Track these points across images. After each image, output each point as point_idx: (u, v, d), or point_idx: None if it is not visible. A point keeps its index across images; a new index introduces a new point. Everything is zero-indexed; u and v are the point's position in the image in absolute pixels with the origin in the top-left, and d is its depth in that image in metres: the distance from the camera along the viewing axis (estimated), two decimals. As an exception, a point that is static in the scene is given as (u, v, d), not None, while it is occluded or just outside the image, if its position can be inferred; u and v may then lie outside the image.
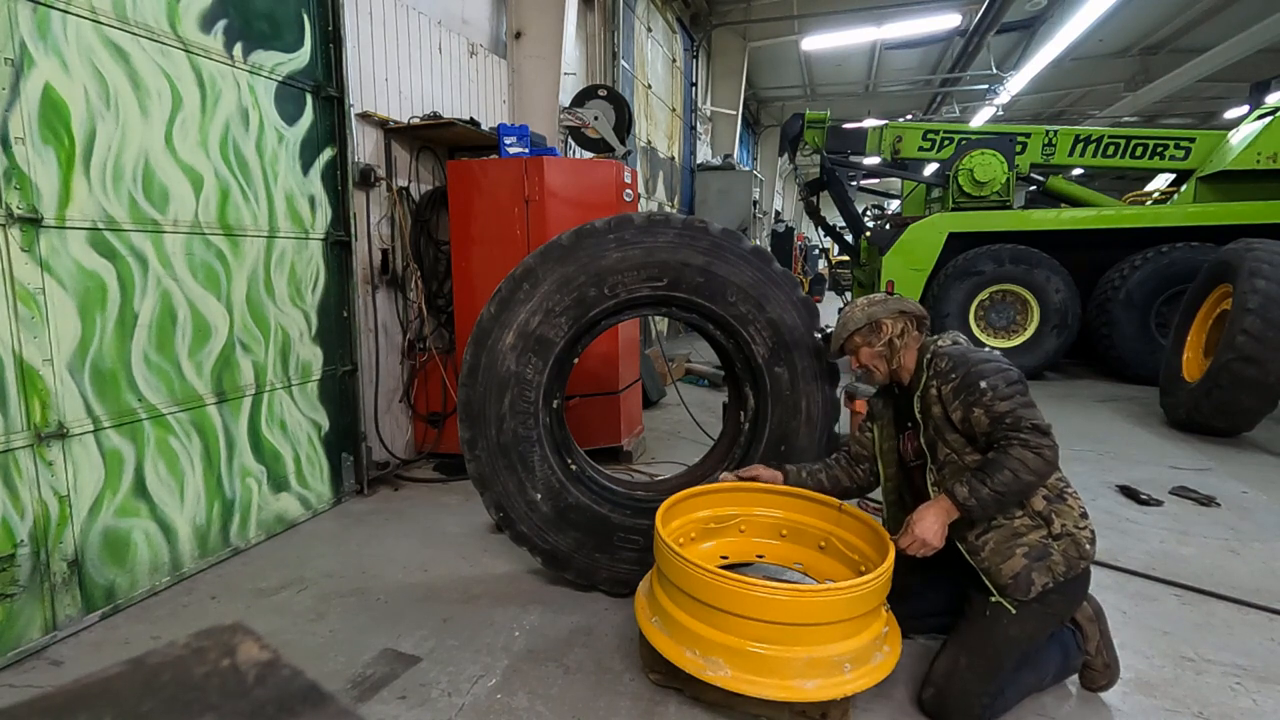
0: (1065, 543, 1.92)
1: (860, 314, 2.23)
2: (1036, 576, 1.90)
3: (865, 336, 2.23)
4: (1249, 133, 6.65)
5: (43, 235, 2.29)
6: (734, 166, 11.57)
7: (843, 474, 2.45)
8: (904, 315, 2.20)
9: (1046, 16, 10.76)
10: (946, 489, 1.98)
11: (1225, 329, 4.61)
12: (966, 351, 2.03)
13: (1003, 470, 1.85)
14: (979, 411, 1.92)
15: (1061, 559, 1.91)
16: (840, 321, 2.29)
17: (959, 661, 1.96)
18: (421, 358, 4.39)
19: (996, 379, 1.92)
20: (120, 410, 2.56)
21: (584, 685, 2.14)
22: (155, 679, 0.43)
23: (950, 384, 1.99)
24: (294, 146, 3.31)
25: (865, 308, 2.24)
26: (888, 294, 2.28)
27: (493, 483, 2.61)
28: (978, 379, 1.93)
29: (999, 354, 2.03)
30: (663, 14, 9.70)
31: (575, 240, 2.58)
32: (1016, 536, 1.94)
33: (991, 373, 1.93)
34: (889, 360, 2.22)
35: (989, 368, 1.95)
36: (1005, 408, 1.89)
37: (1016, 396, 1.89)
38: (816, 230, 9.54)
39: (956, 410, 1.98)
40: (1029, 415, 1.87)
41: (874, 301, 2.24)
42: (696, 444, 4.72)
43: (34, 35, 2.24)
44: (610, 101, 5.17)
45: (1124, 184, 12.69)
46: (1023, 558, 1.92)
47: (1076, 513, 1.98)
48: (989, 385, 1.91)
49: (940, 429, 2.05)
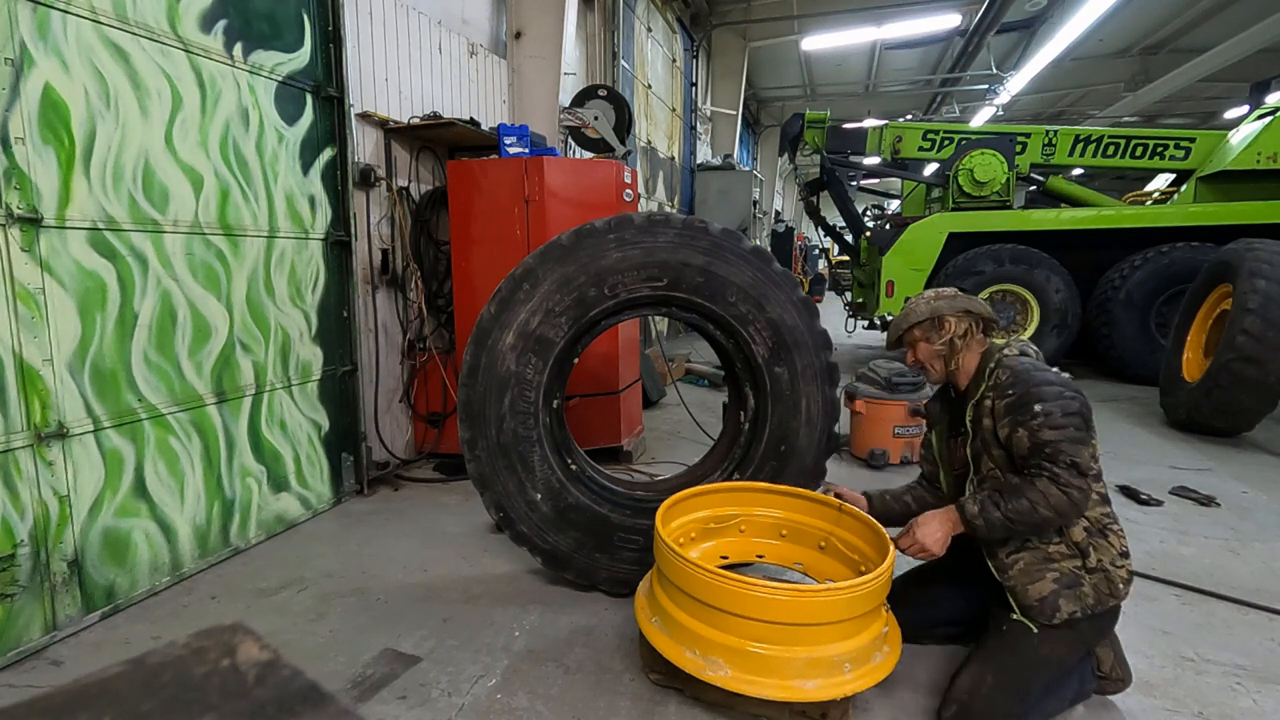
0: (1098, 578, 1.87)
1: (924, 307, 2.11)
2: (1064, 604, 1.85)
3: (926, 331, 2.11)
4: (1249, 133, 6.65)
5: (43, 235, 2.29)
6: (734, 166, 11.57)
7: (928, 493, 2.35)
8: (970, 315, 2.08)
9: (1046, 16, 10.76)
10: (959, 502, 1.95)
11: (1225, 329, 4.61)
12: (1032, 368, 1.92)
13: (1021, 499, 1.80)
14: (1023, 433, 1.84)
15: (1092, 592, 1.86)
16: (903, 311, 2.17)
17: (985, 679, 1.90)
18: (421, 358, 4.39)
19: (1054, 405, 1.82)
20: (120, 410, 2.56)
21: (584, 685, 2.14)
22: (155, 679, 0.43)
23: (1006, 399, 1.90)
24: (294, 146, 3.31)
25: (931, 301, 2.11)
26: (958, 290, 2.15)
27: (493, 483, 2.61)
28: (1034, 401, 1.84)
29: (1067, 377, 1.92)
30: (663, 14, 9.70)
31: (575, 240, 2.58)
32: (1049, 561, 1.90)
33: (1051, 397, 1.83)
34: (947, 360, 2.10)
35: (1049, 391, 1.85)
36: (1051, 436, 1.80)
37: (1069, 429, 1.80)
38: (816, 230, 9.54)
39: (1004, 427, 1.90)
40: (1072, 451, 1.79)
41: (940, 295, 2.12)
42: (696, 444, 4.72)
43: (34, 35, 2.24)
44: (610, 101, 5.17)
45: (1124, 184, 12.69)
46: (1052, 583, 1.87)
47: (1116, 550, 1.91)
48: (1044, 410, 1.82)
49: (987, 442, 1.97)
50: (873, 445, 4.35)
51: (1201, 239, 6.52)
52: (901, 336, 2.18)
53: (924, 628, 2.25)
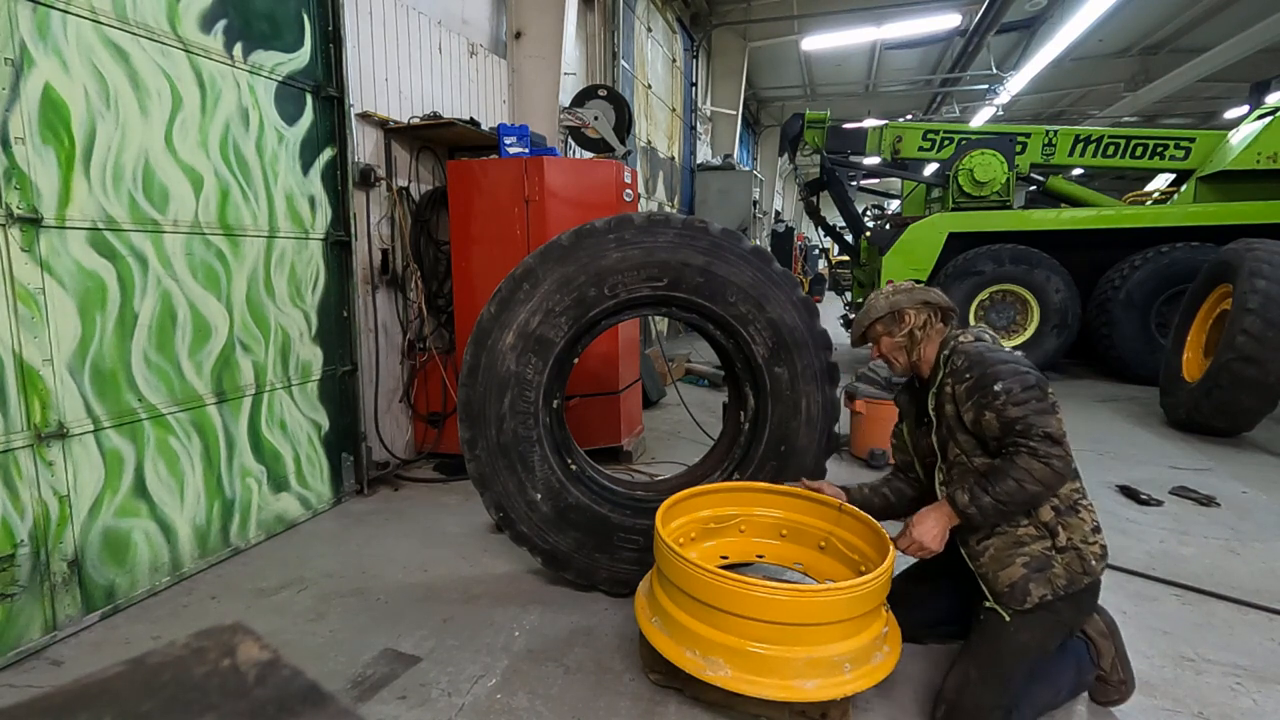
0: (1069, 556, 1.87)
1: (884, 302, 2.15)
2: (1034, 588, 1.85)
3: (887, 325, 2.15)
4: (1249, 133, 6.65)
5: (43, 235, 2.29)
6: (734, 166, 11.57)
7: (906, 484, 2.36)
8: (928, 306, 2.12)
9: (1046, 16, 10.75)
10: (949, 494, 1.95)
11: (1225, 329, 4.62)
12: (985, 350, 1.94)
13: (1007, 479, 1.80)
14: (990, 415, 1.85)
15: (1064, 572, 1.86)
16: (864, 308, 2.22)
17: (969, 675, 1.89)
18: (421, 358, 4.39)
19: (1012, 382, 1.83)
20: (120, 410, 2.56)
21: (584, 685, 2.14)
22: (155, 679, 0.43)
23: (965, 384, 1.92)
24: (294, 146, 3.31)
25: (890, 295, 2.15)
26: (915, 283, 2.20)
27: (493, 483, 2.61)
28: (992, 381, 1.85)
29: (1020, 355, 1.94)
30: (663, 14, 9.70)
31: (575, 240, 2.58)
32: (1018, 545, 1.90)
33: (1008, 375, 1.85)
34: (909, 352, 2.14)
35: (1005, 369, 1.86)
36: (1017, 413, 1.81)
37: (1031, 402, 1.81)
38: (816, 230, 9.54)
39: (969, 411, 1.91)
40: (1041, 423, 1.79)
41: (899, 290, 2.16)
42: (696, 444, 4.72)
43: (34, 35, 2.24)
44: (610, 101, 5.17)
45: (1124, 184, 12.69)
46: (1021, 567, 1.87)
47: (1088, 526, 1.91)
48: (1003, 388, 1.83)
49: (952, 429, 1.98)
50: (873, 445, 4.35)
51: (1201, 239, 6.52)
52: (865, 332, 2.22)
53: (924, 626, 2.25)
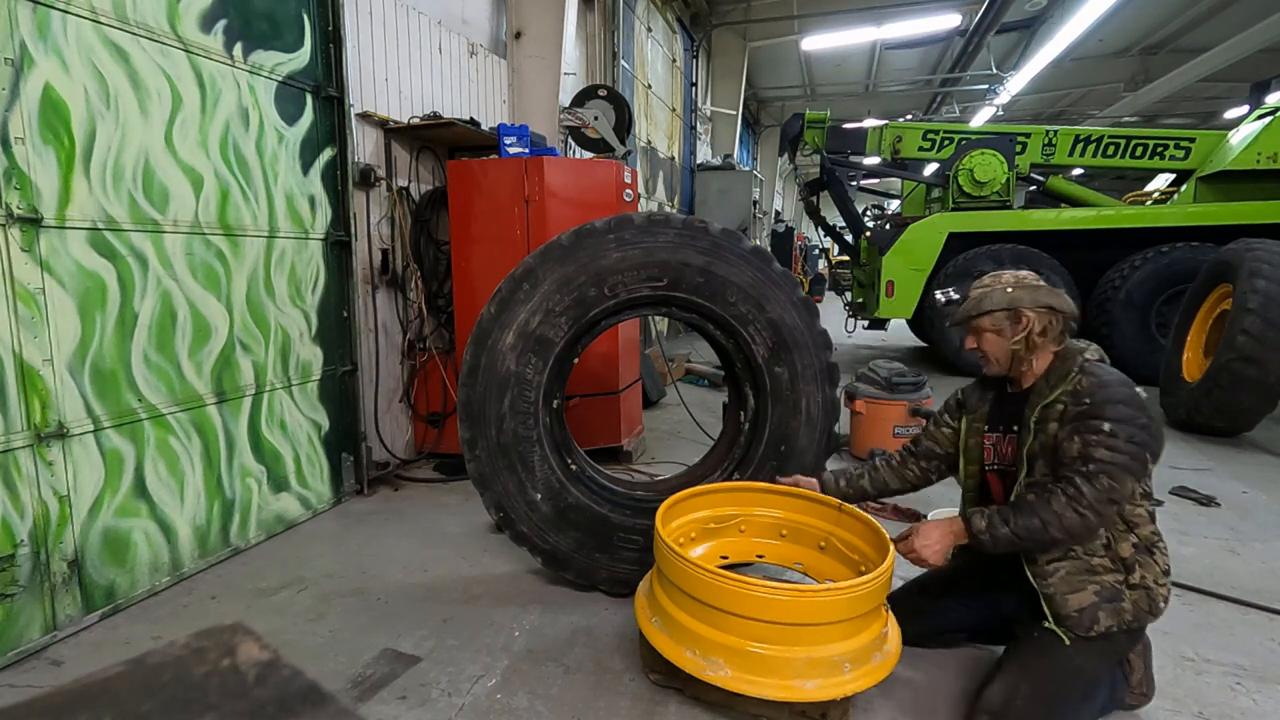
0: (1139, 594, 1.81)
1: (1003, 295, 1.93)
2: (1103, 616, 1.80)
3: (998, 322, 1.95)
4: (1249, 133, 6.65)
5: (43, 235, 2.29)
6: (734, 166, 11.57)
7: (892, 476, 2.32)
8: (1053, 313, 1.92)
9: (1046, 16, 10.75)
10: (965, 514, 1.90)
11: (1225, 329, 4.62)
12: (1118, 381, 1.79)
13: (1033, 517, 1.74)
14: (1077, 442, 1.74)
15: (1131, 608, 1.81)
16: (977, 294, 1.99)
17: (1019, 689, 1.82)
18: (421, 358, 4.39)
19: (1122, 428, 1.70)
20: (120, 410, 2.56)
21: (584, 685, 2.14)
22: (155, 679, 0.43)
23: (1080, 407, 1.78)
24: (294, 146, 3.31)
25: (1012, 288, 1.94)
26: (1039, 278, 1.98)
27: (493, 483, 2.61)
28: (1105, 418, 1.72)
29: (1143, 397, 1.79)
30: (663, 14, 9.70)
31: (575, 240, 2.58)
32: (1091, 573, 1.83)
33: (1124, 419, 1.71)
34: (1018, 357, 1.96)
35: (1124, 412, 1.72)
36: (1104, 456, 1.69)
37: (1125, 455, 1.69)
38: (816, 230, 9.54)
39: (1065, 432, 1.79)
40: (1115, 478, 1.68)
41: (1022, 284, 1.94)
42: (696, 444, 4.72)
43: (34, 35, 2.24)
44: (610, 101, 5.17)
45: (1124, 184, 12.69)
46: (1093, 594, 1.81)
47: (1160, 569, 1.85)
48: (1111, 430, 1.71)
49: (1047, 447, 1.86)
50: (873, 445, 4.35)
51: (1201, 239, 6.52)
52: (972, 320, 2.00)
53: (930, 635, 2.24)
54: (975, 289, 2.02)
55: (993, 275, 2.01)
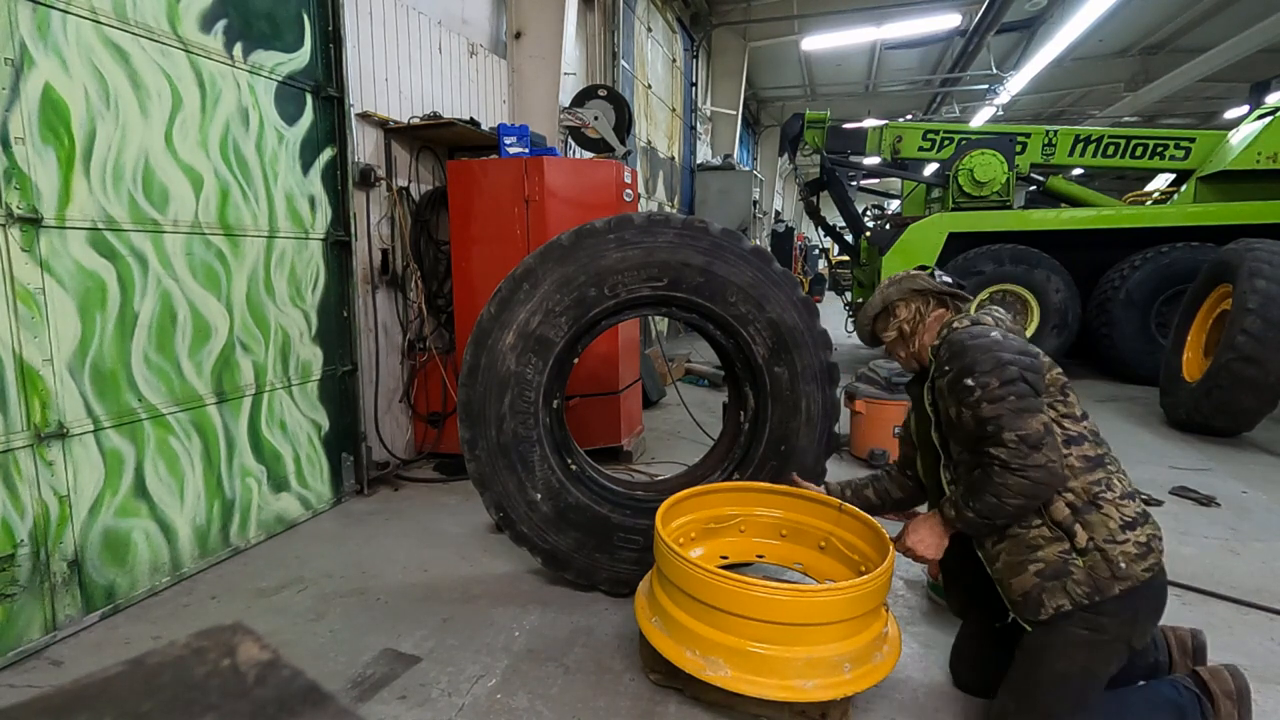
0: (1093, 558, 1.63)
1: (877, 298, 2.04)
2: (1048, 598, 1.65)
3: (883, 322, 2.04)
4: (1249, 133, 6.65)
5: (43, 235, 2.29)
6: (734, 166, 11.57)
7: (893, 485, 2.30)
8: (918, 295, 1.97)
9: (1046, 16, 10.75)
10: (939, 504, 1.88)
11: (1225, 329, 4.62)
12: (969, 339, 1.73)
13: (984, 495, 1.66)
14: (967, 413, 1.68)
15: (1086, 579, 1.62)
16: (864, 305, 2.09)
17: (1006, 707, 1.73)
18: (421, 358, 4.39)
19: (989, 377, 1.63)
20: (120, 410, 2.56)
21: (584, 685, 2.14)
22: (155, 679, 0.43)
23: (945, 377, 1.74)
24: (294, 146, 3.31)
25: (883, 289, 2.03)
26: (921, 269, 2.03)
27: (493, 483, 2.61)
28: (967, 374, 1.67)
29: (1013, 340, 1.71)
30: (663, 14, 9.70)
31: (575, 240, 2.58)
32: (1031, 550, 1.69)
33: (987, 368, 1.64)
34: (905, 346, 2.01)
35: (985, 360, 1.65)
36: (990, 412, 1.62)
37: (1009, 399, 1.61)
38: (816, 230, 9.54)
39: (952, 408, 1.74)
40: (1014, 425, 1.60)
41: (893, 281, 2.03)
42: (696, 444, 4.72)
43: (34, 35, 2.24)
44: (610, 101, 5.17)
45: (1124, 184, 12.70)
46: (1034, 576, 1.67)
47: (1115, 523, 1.65)
48: (977, 384, 1.65)
49: (950, 426, 1.81)
50: (873, 445, 4.35)
51: (1201, 239, 6.52)
52: (870, 333, 2.11)
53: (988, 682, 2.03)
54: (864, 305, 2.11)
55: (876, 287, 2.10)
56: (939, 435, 1.91)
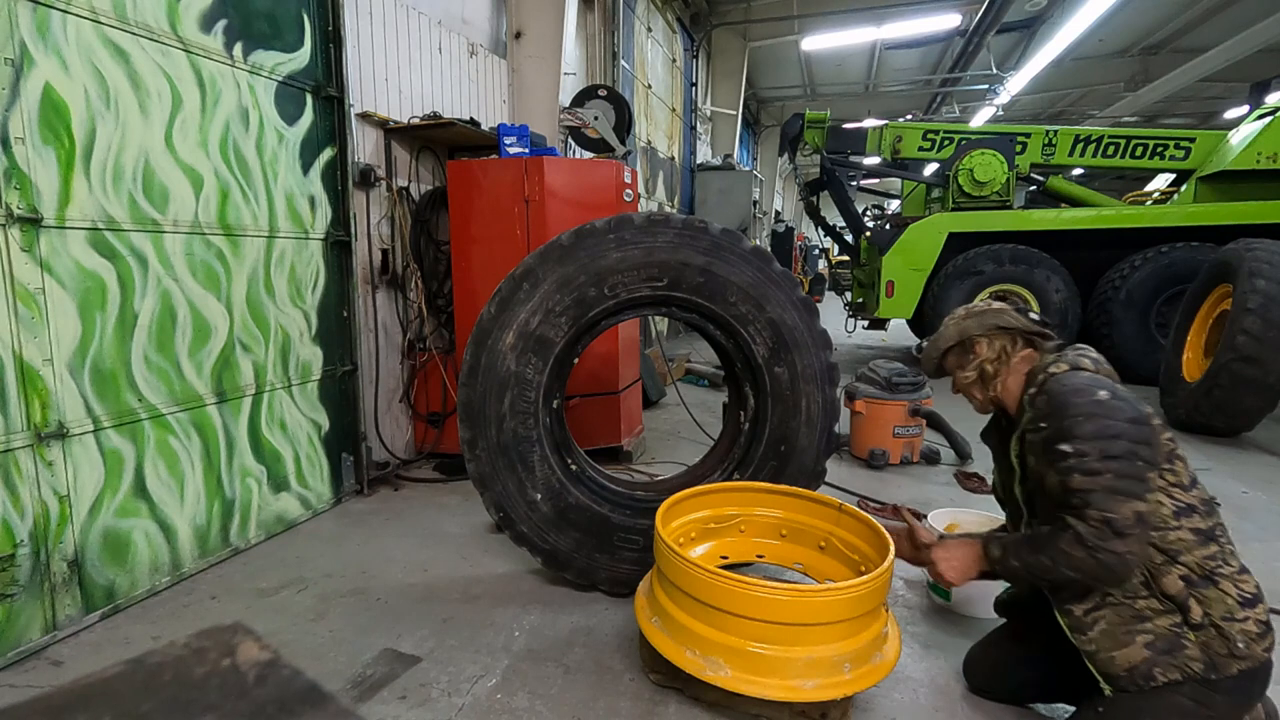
0: (1207, 634, 1.52)
1: (953, 329, 1.85)
2: (1159, 672, 1.54)
3: (958, 358, 1.85)
4: (1249, 133, 6.65)
5: (43, 235, 2.29)
6: (734, 166, 11.57)
7: None
8: (1004, 333, 1.79)
9: (1046, 16, 10.76)
10: (984, 537, 1.77)
11: (1225, 329, 4.61)
12: (1071, 393, 1.58)
13: (1041, 554, 1.57)
14: (1054, 474, 1.56)
15: (1200, 654, 1.52)
16: (934, 336, 1.91)
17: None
18: (421, 358, 4.39)
19: (1090, 445, 1.50)
20: (120, 410, 2.56)
21: (584, 685, 2.14)
22: (155, 679, 0.43)
23: (1040, 433, 1.61)
24: (294, 146, 3.31)
25: (960, 320, 1.85)
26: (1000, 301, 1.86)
27: (493, 483, 2.61)
28: (1065, 439, 1.53)
29: (1123, 402, 1.55)
30: (663, 14, 9.70)
31: (575, 240, 2.58)
32: (1139, 620, 1.57)
33: (1087, 435, 1.51)
34: (985, 388, 1.83)
35: (1087, 428, 1.51)
36: (1081, 484, 1.50)
37: (1105, 476, 1.48)
38: (816, 230, 9.54)
39: (1042, 465, 1.61)
40: (1105, 506, 1.47)
41: (972, 313, 1.85)
42: (696, 444, 4.72)
43: (34, 35, 2.24)
44: (610, 101, 5.17)
45: (1124, 184, 12.70)
46: (1144, 648, 1.55)
47: (1234, 599, 1.54)
48: (1075, 450, 1.51)
49: (1038, 483, 1.68)
50: (873, 445, 4.35)
51: (1201, 239, 6.52)
52: (939, 364, 1.93)
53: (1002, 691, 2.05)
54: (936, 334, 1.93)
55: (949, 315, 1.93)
56: (1023, 490, 1.79)
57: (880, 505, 3.61)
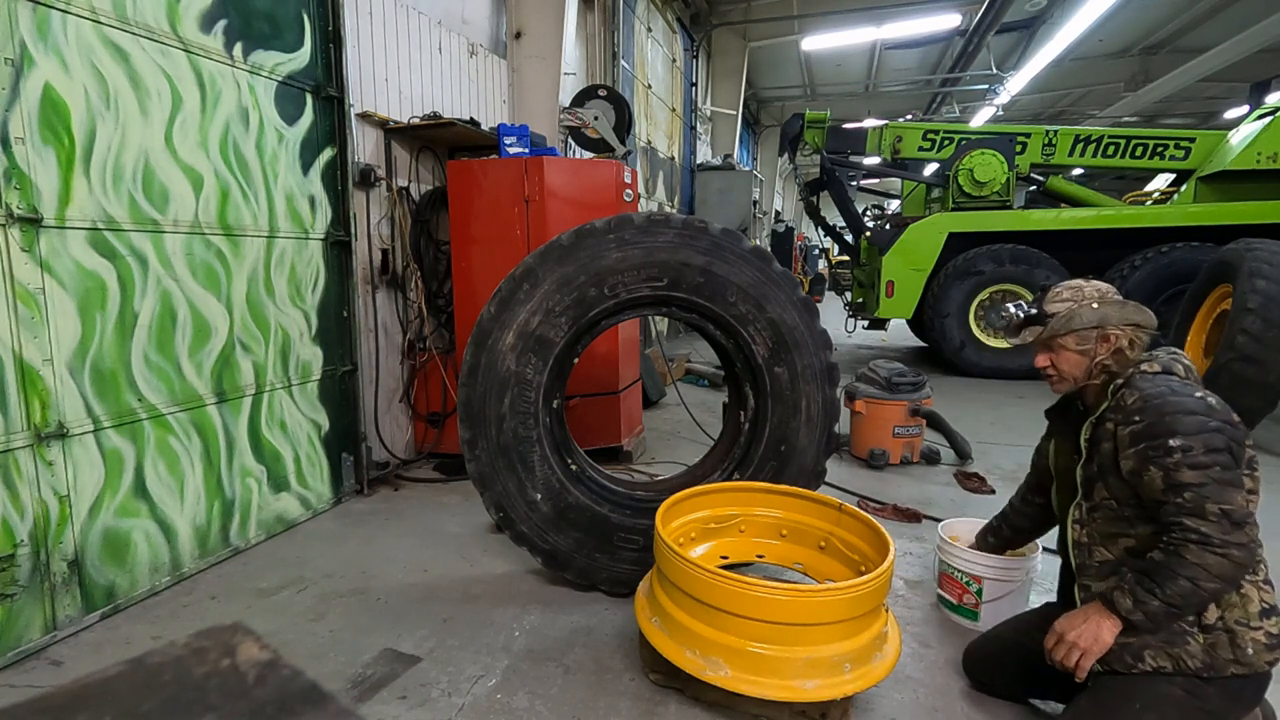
0: (1217, 638, 1.55)
1: (1091, 312, 1.76)
2: (1149, 655, 1.58)
3: (1085, 340, 1.78)
4: (1249, 133, 6.65)
5: (43, 235, 2.28)
6: (734, 166, 11.57)
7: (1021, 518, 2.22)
8: (1138, 330, 1.76)
9: (1046, 16, 10.76)
10: (1105, 595, 1.66)
11: (1225, 329, 4.61)
12: (1167, 393, 1.59)
13: (1177, 579, 1.50)
14: (1156, 473, 1.54)
15: (1201, 653, 1.55)
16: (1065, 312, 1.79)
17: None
18: (421, 358, 4.39)
19: (1195, 440, 1.51)
20: (120, 410, 2.56)
21: (584, 685, 2.14)
22: (155, 679, 0.43)
23: (1131, 427, 1.60)
24: (294, 146, 3.31)
25: (1098, 304, 1.77)
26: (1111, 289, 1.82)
27: (493, 483, 2.61)
28: (1169, 434, 1.53)
29: (1214, 402, 1.59)
30: (663, 14, 9.70)
31: (575, 240, 2.58)
32: None
33: (1191, 430, 1.52)
34: (1085, 374, 1.80)
35: (1189, 422, 1.52)
36: (1193, 479, 1.49)
37: (1215, 469, 1.49)
38: (816, 230, 9.54)
39: (1129, 459, 1.60)
40: (1221, 497, 1.47)
41: (1107, 299, 1.78)
42: (696, 444, 4.72)
43: (34, 35, 2.24)
44: (610, 101, 5.17)
45: (1124, 184, 12.70)
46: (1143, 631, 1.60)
47: (1255, 606, 1.56)
48: (1181, 445, 1.51)
49: (1104, 469, 1.69)
50: (873, 445, 4.35)
51: (1201, 239, 6.53)
52: (1050, 339, 1.83)
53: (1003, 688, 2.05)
54: (1055, 302, 1.83)
55: (1070, 288, 1.84)
56: (1084, 474, 1.77)
57: (880, 505, 3.61)
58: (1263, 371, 4.36)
